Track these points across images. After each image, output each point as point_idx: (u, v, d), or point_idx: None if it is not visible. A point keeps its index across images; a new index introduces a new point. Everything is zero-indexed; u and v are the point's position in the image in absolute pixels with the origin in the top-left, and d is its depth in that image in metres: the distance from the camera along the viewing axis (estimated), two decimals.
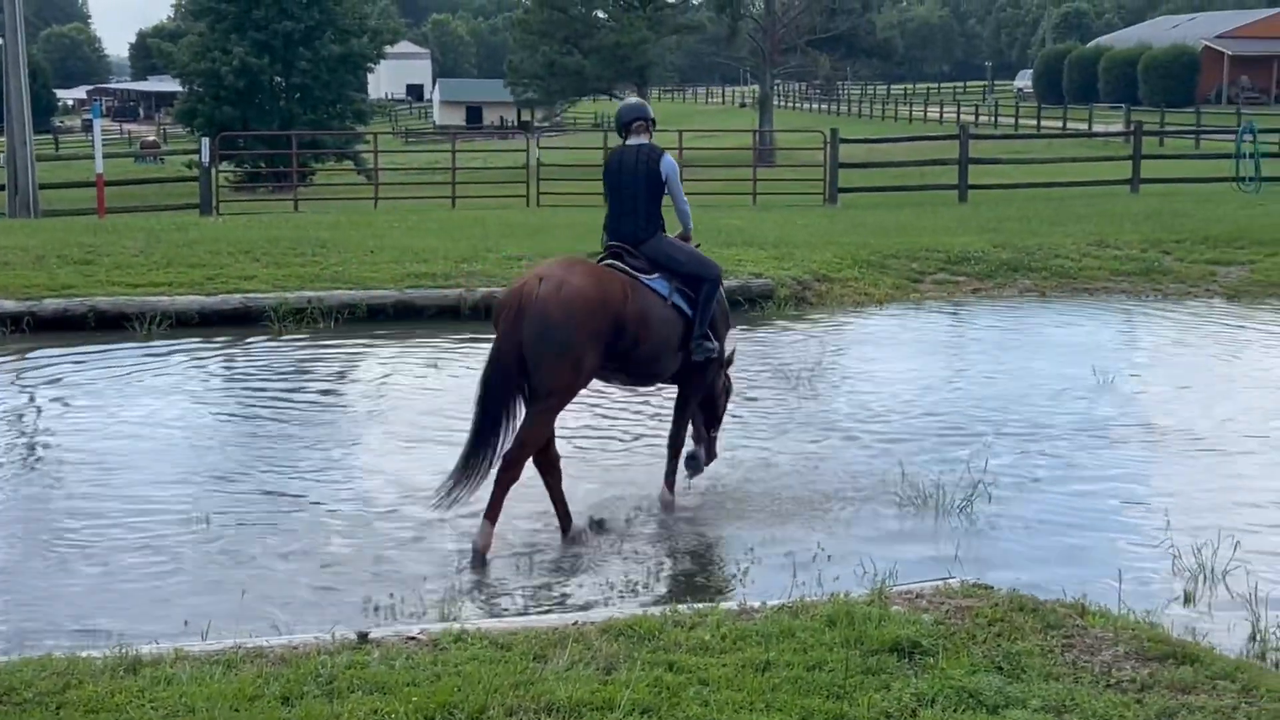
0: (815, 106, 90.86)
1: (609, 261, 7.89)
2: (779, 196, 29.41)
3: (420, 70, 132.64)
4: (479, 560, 7.02)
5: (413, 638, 5.27)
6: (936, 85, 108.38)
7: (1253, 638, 5.89)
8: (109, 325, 13.20)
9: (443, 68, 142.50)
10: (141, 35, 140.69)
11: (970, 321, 14.62)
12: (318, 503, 8.07)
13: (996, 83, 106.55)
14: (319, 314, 13.68)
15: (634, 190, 8.02)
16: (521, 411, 7.23)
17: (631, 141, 8.19)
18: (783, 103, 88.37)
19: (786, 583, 6.46)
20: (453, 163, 32.53)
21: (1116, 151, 34.44)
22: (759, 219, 22.27)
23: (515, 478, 7.20)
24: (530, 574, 6.89)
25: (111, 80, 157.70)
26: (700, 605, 5.69)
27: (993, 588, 5.85)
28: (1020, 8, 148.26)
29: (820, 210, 25.54)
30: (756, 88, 74.05)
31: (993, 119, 68.25)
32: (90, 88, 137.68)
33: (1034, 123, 62.43)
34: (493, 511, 7.11)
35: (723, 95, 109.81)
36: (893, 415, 10.17)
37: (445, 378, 11.49)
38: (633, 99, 9.28)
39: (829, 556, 7.02)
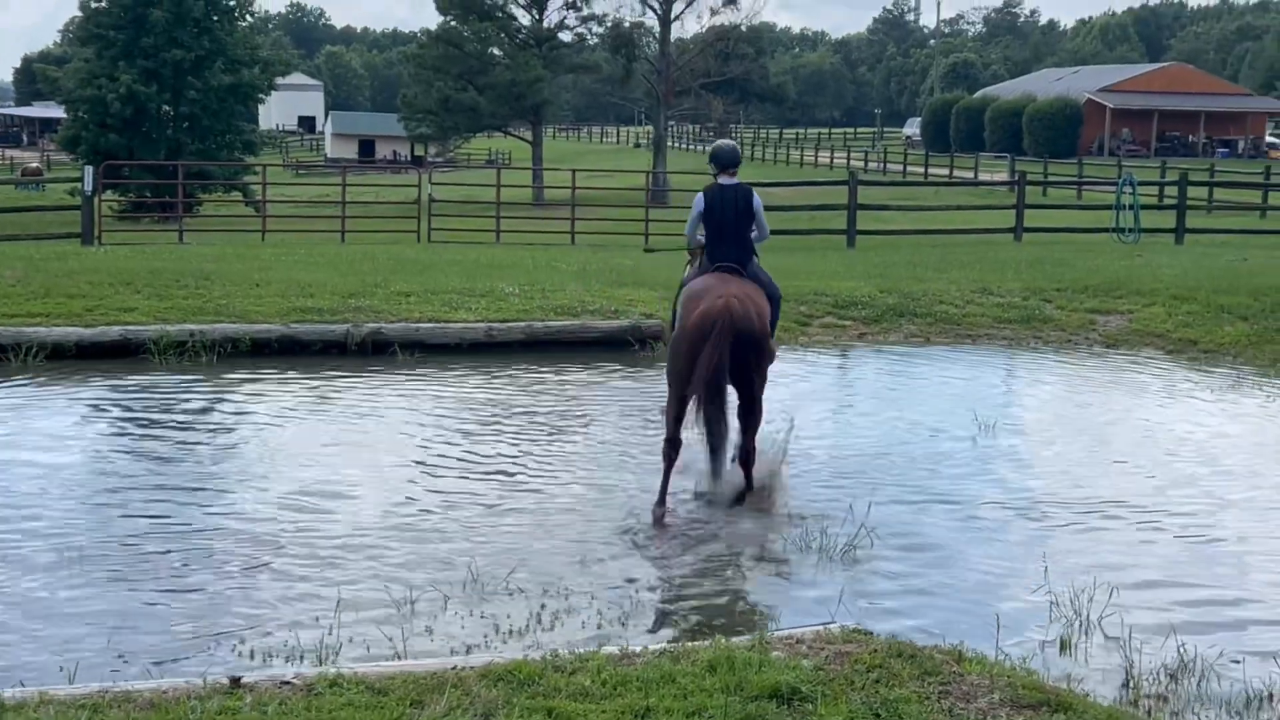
0: (708, 149, 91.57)
1: None
2: (672, 238, 29.55)
3: (313, 102, 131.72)
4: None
5: (287, 682, 5.16)
6: (827, 131, 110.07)
7: (1126, 685, 5.98)
8: None
9: (335, 100, 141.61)
10: (27, 60, 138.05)
11: (856, 365, 14.77)
12: (192, 544, 7.89)
13: (885, 130, 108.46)
14: (201, 347, 13.44)
15: (735, 221, 9.55)
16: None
17: (725, 180, 9.68)
18: (677, 144, 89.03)
19: (669, 626, 6.44)
20: (343, 196, 32.26)
21: (1001, 200, 35.14)
22: (651, 259, 22.37)
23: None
24: (411, 616, 6.79)
25: None
26: (581, 650, 5.65)
27: (872, 633, 5.88)
28: (909, 57, 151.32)
29: None
30: (651, 128, 74.59)
31: (881, 165, 69.36)
32: None
33: (922, 170, 63.63)
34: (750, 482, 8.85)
35: (617, 135, 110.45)
36: (777, 456, 10.20)
37: (329, 414, 11.34)
38: (727, 142, 10.27)
39: (712, 600, 7.00)
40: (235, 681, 5.13)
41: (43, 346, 13.03)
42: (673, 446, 8.98)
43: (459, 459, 10.02)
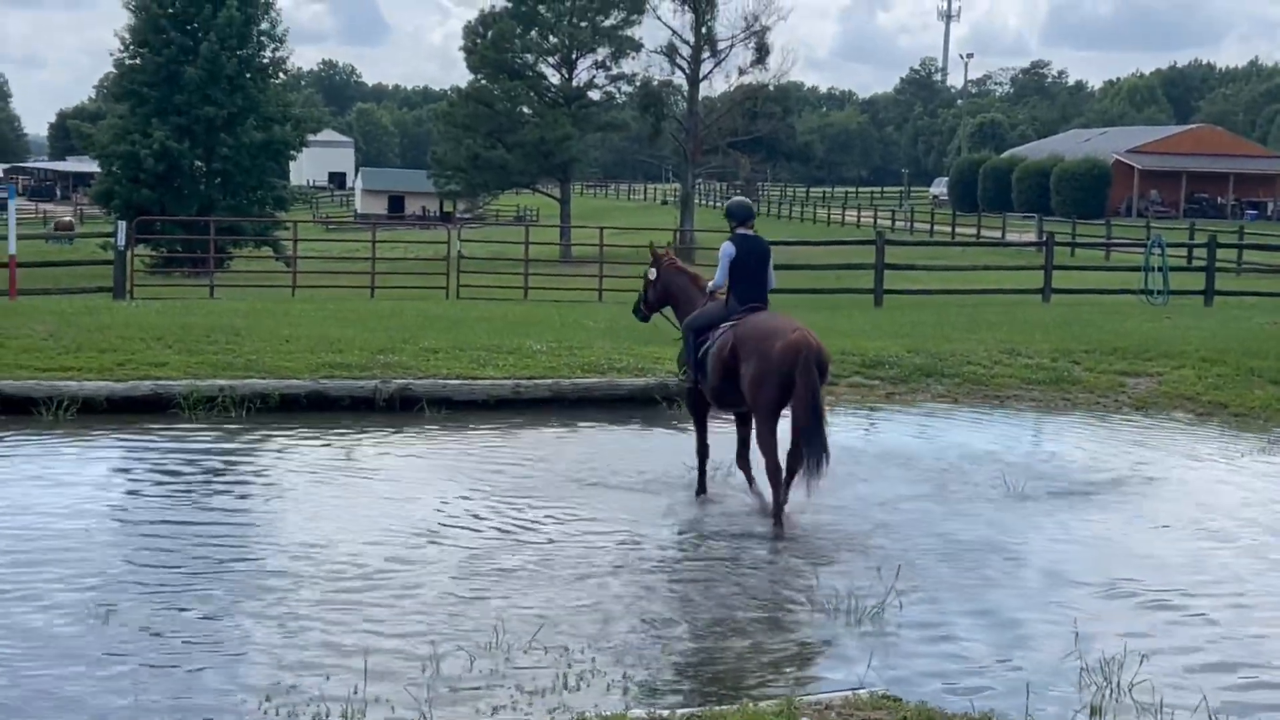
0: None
1: None
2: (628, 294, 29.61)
3: (343, 158, 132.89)
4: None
5: None
6: (854, 189, 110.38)
7: None
8: (15, 409, 12.90)
9: (366, 156, 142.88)
10: (62, 115, 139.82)
11: (884, 426, 14.72)
12: (217, 599, 7.89)
13: (913, 189, 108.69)
14: (231, 403, 13.49)
15: (757, 268, 10.86)
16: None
17: (745, 231, 10.97)
18: (704, 201, 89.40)
19: (696, 688, 6.40)
20: (373, 252, 32.49)
21: (1029, 260, 35.15)
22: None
23: None
24: (436, 677, 6.76)
25: (29, 159, 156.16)
26: (609, 713, 5.62)
27: (901, 700, 5.84)
28: (937, 117, 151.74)
29: None
30: (678, 186, 74.92)
31: (909, 224, 69.46)
32: (7, 166, 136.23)
33: (949, 229, 63.69)
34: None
35: (644, 192, 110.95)
36: (806, 520, 10.18)
37: (354, 471, 11.36)
38: (742, 198, 11.78)
39: (739, 661, 6.97)
40: None
41: (74, 400, 13.10)
42: (779, 470, 9.96)
43: (483, 516, 10.01)
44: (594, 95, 73.61)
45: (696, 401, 11.20)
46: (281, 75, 59.71)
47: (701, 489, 10.87)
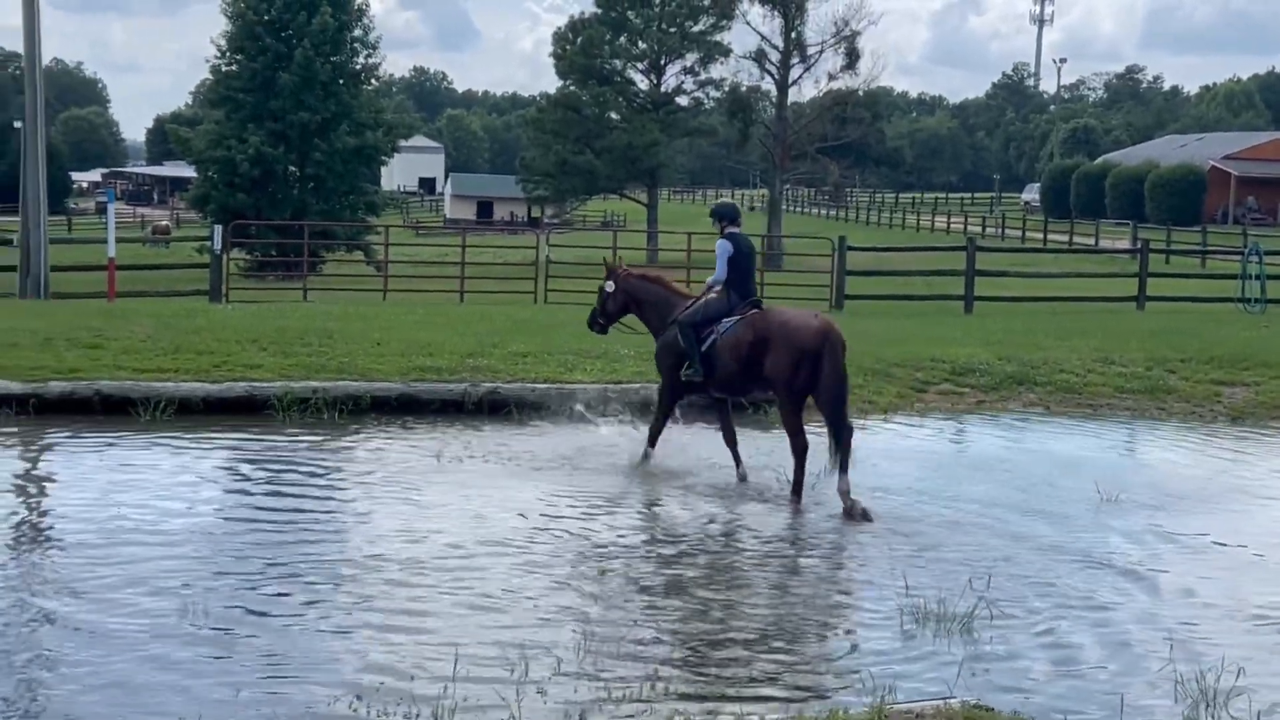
0: (823, 212, 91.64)
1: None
2: (785, 300, 29.54)
3: (433, 164, 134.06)
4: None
5: None
6: (944, 195, 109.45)
7: None
8: (114, 409, 13.16)
9: (455, 162, 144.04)
10: (159, 121, 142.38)
11: (975, 434, 14.59)
12: (309, 599, 7.98)
13: (1003, 195, 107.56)
14: (323, 404, 13.66)
15: (751, 264, 11.68)
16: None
17: (735, 230, 11.54)
18: (791, 207, 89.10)
19: (783, 692, 6.38)
20: (462, 257, 32.75)
21: (1123, 268, 34.67)
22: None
23: None
24: (525, 677, 6.80)
25: (127, 164, 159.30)
26: (697, 716, 5.62)
27: (993, 710, 5.78)
28: (1029, 123, 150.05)
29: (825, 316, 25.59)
30: (766, 191, 74.77)
31: (999, 231, 68.76)
32: (106, 171, 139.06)
33: (1040, 236, 62.96)
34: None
35: (731, 197, 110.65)
36: (896, 526, 10.12)
37: (444, 473, 11.45)
38: (729, 200, 13.09)
39: (826, 669, 6.94)
40: None
41: (171, 401, 13.34)
42: (806, 448, 10.74)
43: (575, 519, 10.06)
44: (682, 101, 73.67)
45: (676, 390, 11.79)
46: (374, 81, 60.40)
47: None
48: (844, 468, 10.55)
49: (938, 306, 28.25)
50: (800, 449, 10.77)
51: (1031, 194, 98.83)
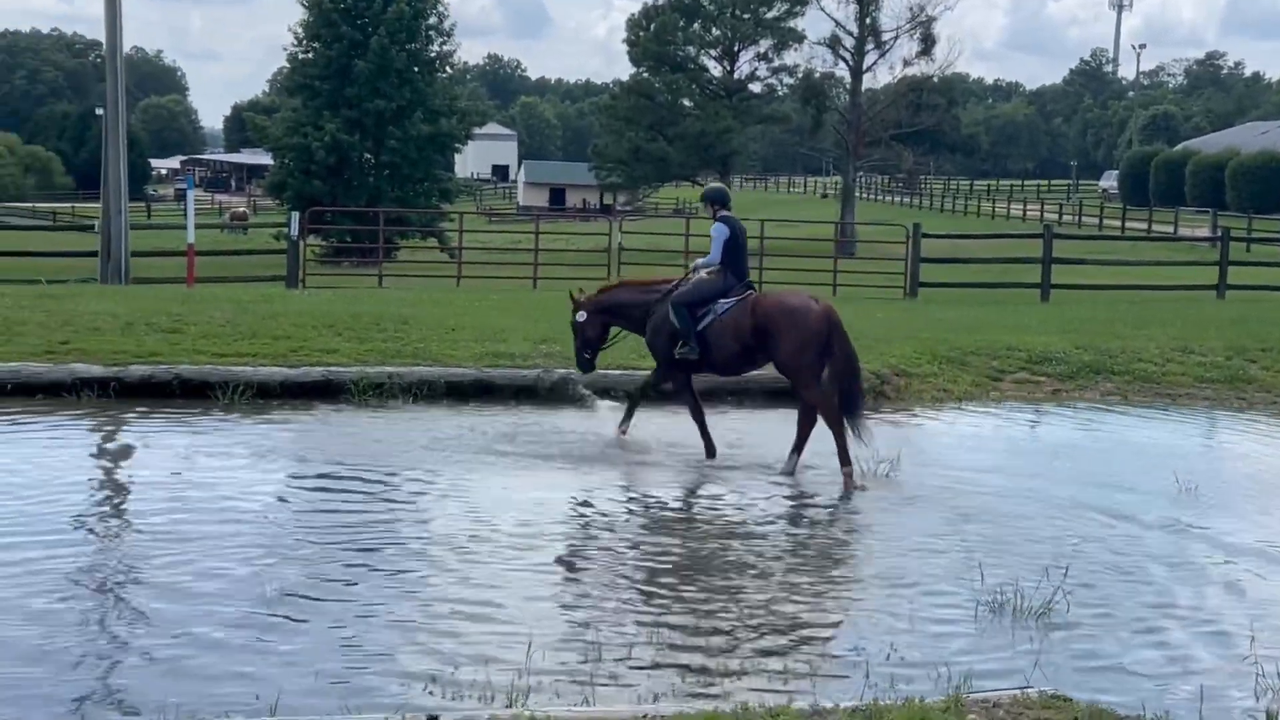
0: (897, 199, 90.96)
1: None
2: (858, 289, 29.40)
3: (506, 151, 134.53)
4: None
5: None
6: (1020, 182, 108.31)
7: None
8: (193, 393, 13.35)
9: (528, 149, 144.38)
10: (237, 109, 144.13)
11: (1051, 422, 14.44)
12: (382, 583, 8.04)
13: (1081, 182, 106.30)
14: (398, 389, 13.77)
15: (744, 246, 11.89)
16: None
17: (727, 214, 11.81)
18: (864, 194, 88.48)
19: (859, 683, 6.36)
20: (535, 243, 32.86)
21: (1202, 256, 34.16)
22: (838, 309, 22.23)
23: None
24: (600, 659, 6.83)
25: (205, 151, 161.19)
26: (772, 704, 5.61)
27: (1072, 700, 5.73)
28: (1107, 109, 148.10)
29: (900, 304, 25.50)
30: (839, 179, 74.37)
31: (1077, 218, 67.97)
32: (184, 158, 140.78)
33: (1119, 224, 62.17)
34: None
35: (804, 185, 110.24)
36: (971, 514, 10.04)
37: (519, 458, 11.50)
38: (719, 185, 12.68)
39: (902, 657, 6.90)
40: (433, 719, 5.22)
41: (250, 385, 13.50)
42: (841, 419, 11.07)
43: (650, 506, 10.08)
44: (755, 88, 73.51)
45: (676, 371, 11.97)
46: (448, 69, 60.76)
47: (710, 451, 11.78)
48: (855, 433, 11.10)
49: (1014, 294, 27.97)
50: (835, 420, 11.02)
51: (1109, 181, 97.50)
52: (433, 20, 58.28)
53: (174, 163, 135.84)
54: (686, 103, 72.79)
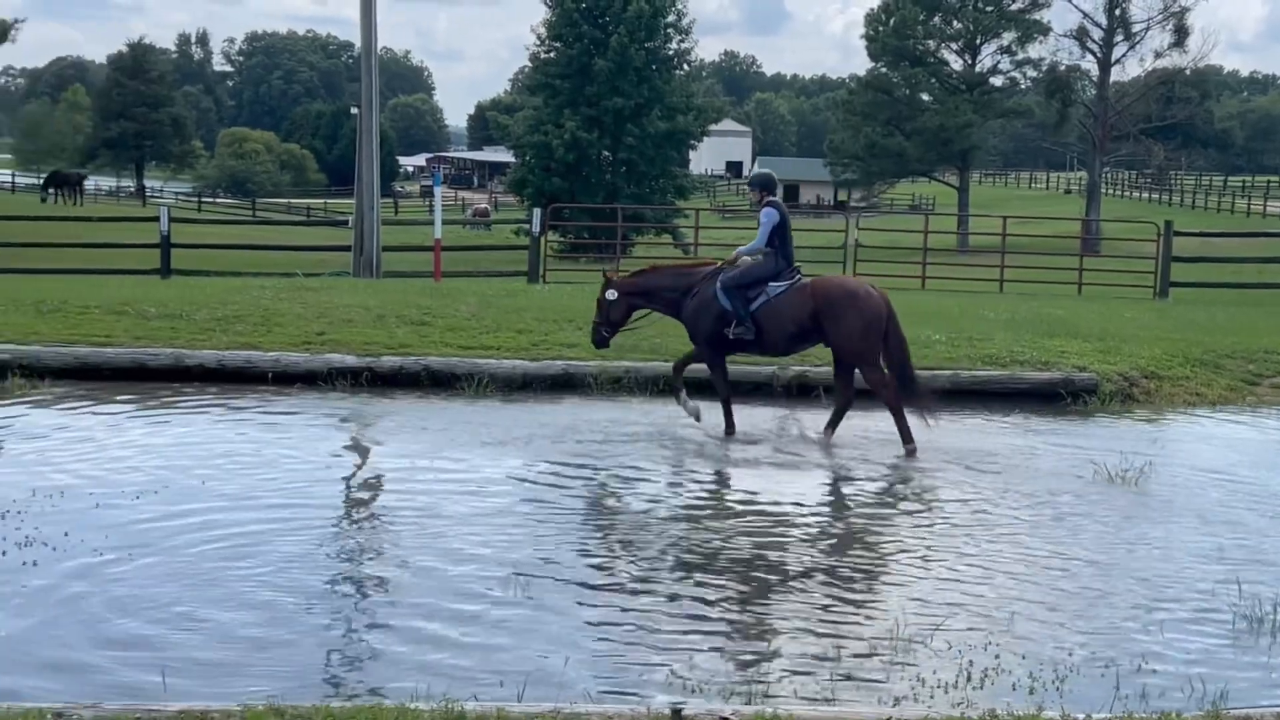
0: (1145, 196, 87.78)
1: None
2: (1105, 288, 28.52)
3: (740, 148, 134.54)
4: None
5: (725, 718, 5.26)
6: (1277, 179, 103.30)
7: None
8: (440, 384, 13.82)
9: (763, 145, 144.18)
10: (480, 107, 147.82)
11: None
12: (625, 574, 8.14)
13: None
14: (635, 384, 13.96)
15: (789, 231, 12.24)
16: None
17: (775, 199, 12.23)
18: (1111, 190, 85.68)
19: (1108, 694, 6.19)
20: None
21: None
22: (1083, 309, 21.66)
23: None
24: (839, 658, 6.80)
25: (449, 149, 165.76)
26: (1020, 712, 5.50)
27: None
28: None
29: (1149, 304, 24.66)
30: (1083, 174, 72.25)
31: None
32: (430, 155, 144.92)
33: None
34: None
35: (1046, 181, 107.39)
36: (1226, 521, 9.66)
37: (764, 454, 11.53)
38: (767, 170, 13.40)
39: (1154, 669, 6.69)
40: (677, 713, 5.27)
41: (494, 378, 13.87)
42: (900, 402, 11.75)
43: (905, 509, 10.00)
44: (996, 81, 71.88)
45: (718, 351, 12.37)
46: (685, 66, 61.12)
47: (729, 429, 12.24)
48: (921, 414, 11.77)
49: (1273, 295, 26.75)
50: (895, 403, 11.70)
51: None
52: (671, 18, 58.71)
53: (419, 160, 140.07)
54: (925, 97, 71.67)
